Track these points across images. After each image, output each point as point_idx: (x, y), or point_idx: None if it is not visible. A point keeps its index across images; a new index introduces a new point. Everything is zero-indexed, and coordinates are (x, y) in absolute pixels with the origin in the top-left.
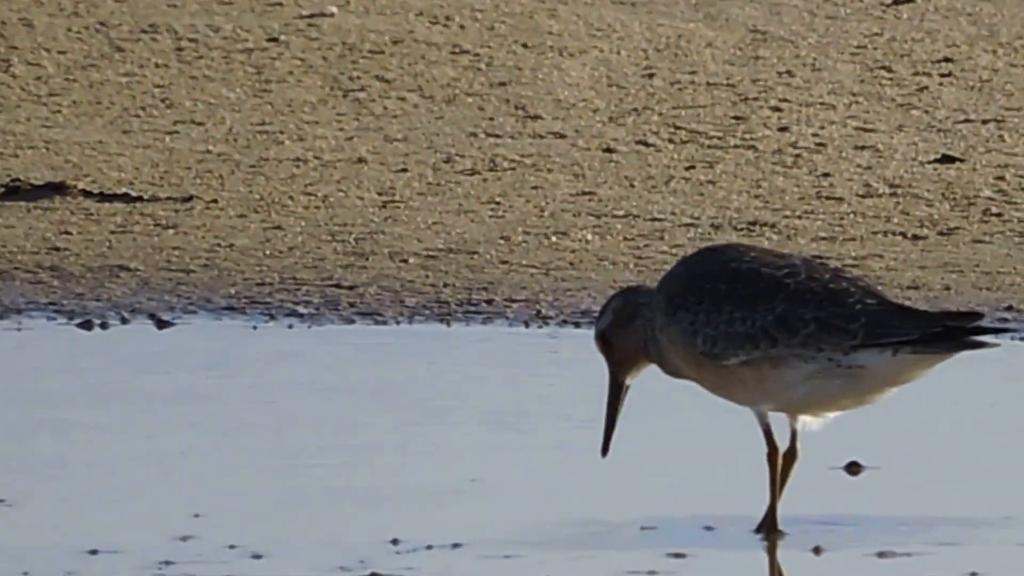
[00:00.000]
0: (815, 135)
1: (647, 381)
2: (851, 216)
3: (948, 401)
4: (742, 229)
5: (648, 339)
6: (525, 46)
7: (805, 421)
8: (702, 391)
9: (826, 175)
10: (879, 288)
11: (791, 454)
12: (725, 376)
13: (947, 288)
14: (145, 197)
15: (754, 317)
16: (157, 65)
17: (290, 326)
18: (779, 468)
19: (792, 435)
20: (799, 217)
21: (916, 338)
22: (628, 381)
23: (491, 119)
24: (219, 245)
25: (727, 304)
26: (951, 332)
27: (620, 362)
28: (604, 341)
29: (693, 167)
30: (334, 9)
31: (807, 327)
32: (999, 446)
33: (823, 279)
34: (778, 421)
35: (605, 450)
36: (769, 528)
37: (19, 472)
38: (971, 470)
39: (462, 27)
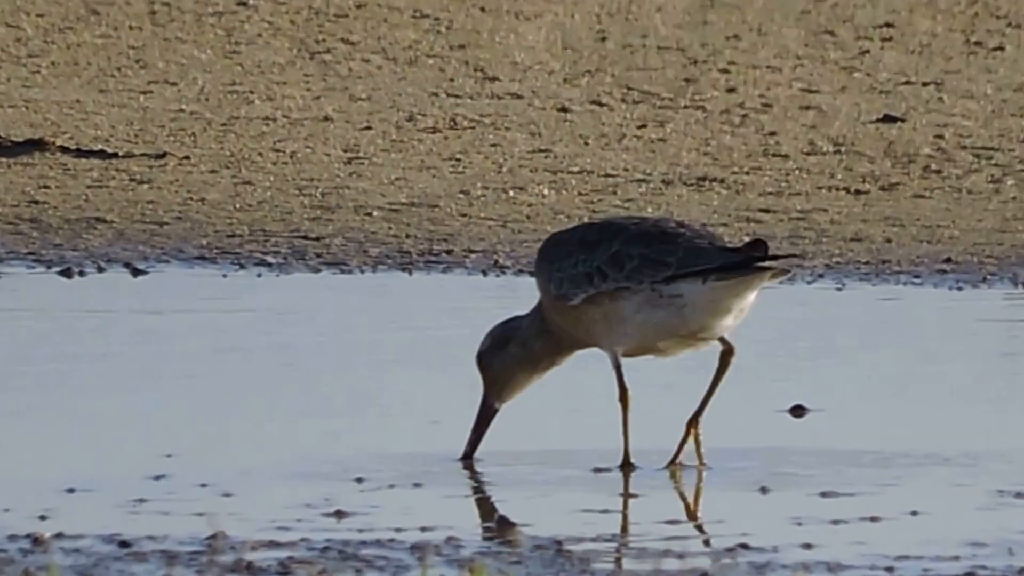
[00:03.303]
0: (762, 96)
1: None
2: (796, 172)
3: (890, 347)
4: (692, 185)
5: (531, 349)
6: (483, 10)
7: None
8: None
9: (772, 134)
10: (720, 236)
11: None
12: (578, 317)
13: (888, 241)
14: (120, 153)
15: (593, 258)
16: (131, 27)
17: (259, 275)
18: (627, 408)
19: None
20: (747, 173)
21: (718, 266)
22: (499, 406)
23: (451, 80)
24: (191, 199)
25: (576, 250)
26: (750, 260)
27: (493, 384)
28: (481, 363)
29: (645, 126)
30: None
31: (632, 261)
32: (939, 390)
33: (665, 227)
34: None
35: (466, 457)
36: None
37: None
38: (912, 413)
39: None
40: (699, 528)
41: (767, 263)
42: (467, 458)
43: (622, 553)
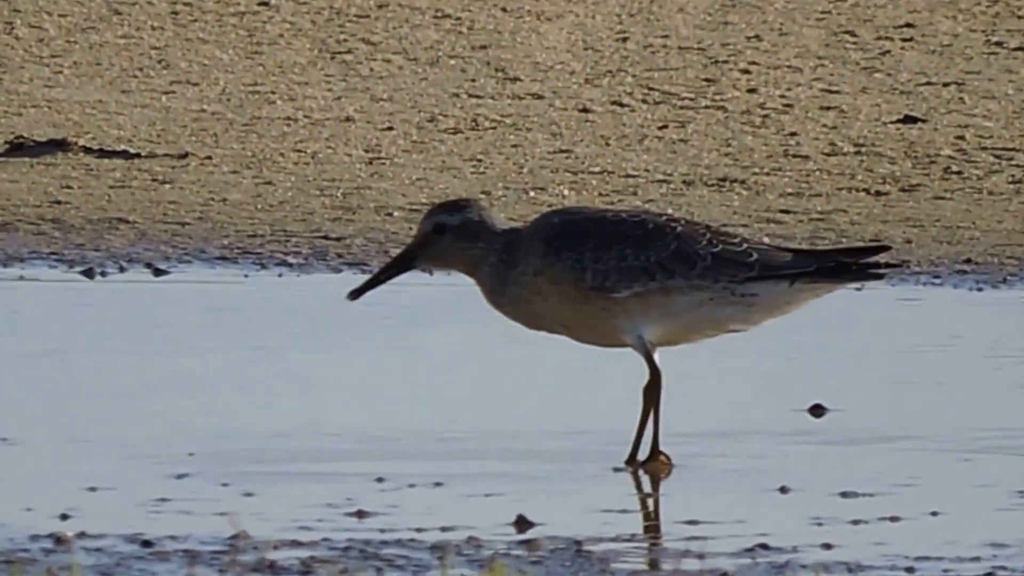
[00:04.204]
0: (782, 96)
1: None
2: (817, 173)
3: (909, 348)
4: (712, 185)
5: (489, 264)
6: (504, 10)
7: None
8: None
9: (793, 134)
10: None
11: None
12: (609, 307)
13: (908, 242)
14: (143, 154)
15: (647, 252)
16: (154, 28)
17: (280, 275)
18: (661, 397)
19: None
20: (767, 174)
21: (813, 270)
22: (419, 268)
23: (473, 80)
24: (213, 199)
25: (616, 243)
26: (844, 265)
27: (434, 256)
28: (437, 233)
29: (666, 126)
30: None
31: (704, 260)
32: (958, 391)
33: (703, 224)
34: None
35: (357, 295)
36: (632, 457)
37: (21, 413)
38: (931, 413)
39: None
40: (719, 528)
41: (871, 270)
42: (356, 296)
43: (641, 553)
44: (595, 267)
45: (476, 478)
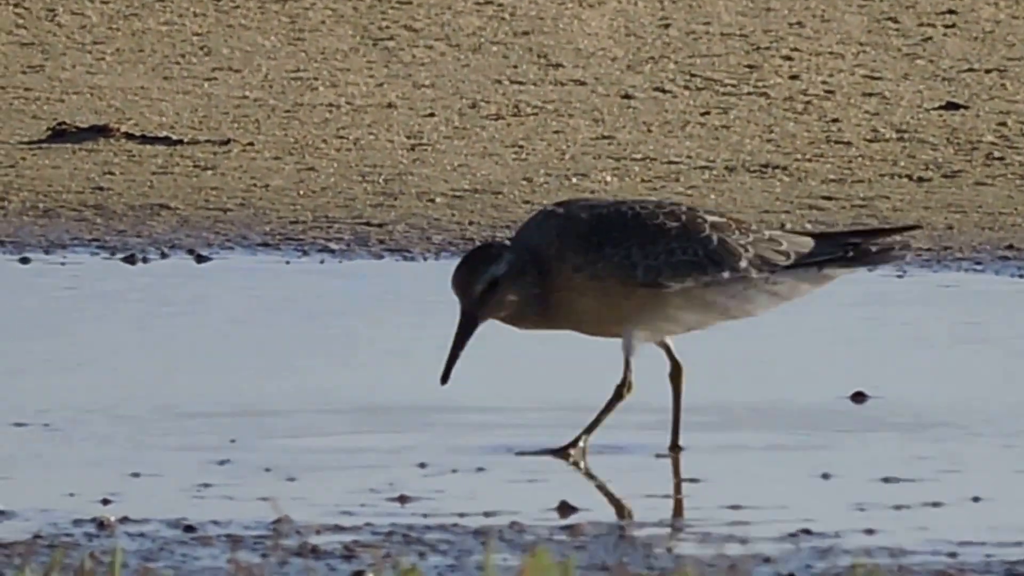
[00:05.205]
0: (824, 83)
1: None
2: (859, 159)
3: (951, 334)
4: (754, 171)
5: (531, 295)
6: None
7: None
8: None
9: (835, 120)
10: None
11: (678, 370)
12: (653, 301)
13: (950, 228)
14: (185, 140)
15: (691, 245)
16: (196, 14)
17: (322, 261)
18: (622, 400)
19: (668, 351)
20: (809, 160)
21: (842, 256)
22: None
23: (515, 67)
24: (255, 185)
25: (660, 237)
26: (865, 248)
27: (493, 307)
28: (494, 286)
29: (708, 113)
30: None
31: (748, 252)
32: (1001, 376)
33: (709, 210)
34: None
35: (446, 378)
36: (674, 444)
37: (64, 398)
38: (973, 399)
39: None
40: (761, 513)
41: (891, 252)
42: (445, 380)
43: (684, 538)
44: (648, 263)
45: (519, 463)
